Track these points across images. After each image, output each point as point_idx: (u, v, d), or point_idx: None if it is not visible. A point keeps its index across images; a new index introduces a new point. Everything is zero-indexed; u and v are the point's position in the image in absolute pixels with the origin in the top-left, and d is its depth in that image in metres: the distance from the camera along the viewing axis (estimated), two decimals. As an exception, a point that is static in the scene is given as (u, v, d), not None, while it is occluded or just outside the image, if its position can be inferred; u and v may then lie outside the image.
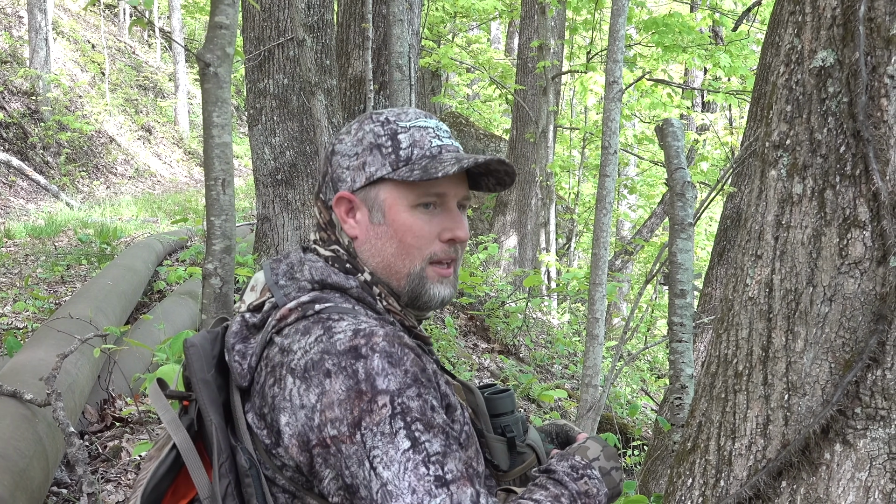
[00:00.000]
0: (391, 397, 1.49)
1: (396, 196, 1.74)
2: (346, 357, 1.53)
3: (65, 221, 13.05)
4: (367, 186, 1.76)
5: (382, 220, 1.75)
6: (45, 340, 4.76)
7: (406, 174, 1.71)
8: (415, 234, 1.74)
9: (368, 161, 1.75)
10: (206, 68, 3.52)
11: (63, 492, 3.86)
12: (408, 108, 1.84)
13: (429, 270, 1.76)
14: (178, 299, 7.12)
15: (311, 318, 1.64)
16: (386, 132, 1.76)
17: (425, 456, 1.46)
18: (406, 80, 7.16)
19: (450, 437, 1.51)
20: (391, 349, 1.54)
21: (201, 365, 1.71)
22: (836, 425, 1.82)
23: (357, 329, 1.58)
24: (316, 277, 1.73)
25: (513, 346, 10.24)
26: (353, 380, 1.51)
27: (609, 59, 5.51)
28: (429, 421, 1.50)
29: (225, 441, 1.64)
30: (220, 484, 1.60)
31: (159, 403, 1.73)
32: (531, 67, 13.84)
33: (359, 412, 1.49)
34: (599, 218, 5.39)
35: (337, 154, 1.80)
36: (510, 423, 1.86)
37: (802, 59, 1.94)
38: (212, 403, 1.67)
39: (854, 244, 1.82)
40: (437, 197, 1.76)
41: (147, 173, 20.91)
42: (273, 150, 8.19)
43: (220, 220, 3.51)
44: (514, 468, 1.82)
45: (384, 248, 1.76)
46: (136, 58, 27.27)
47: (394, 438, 1.47)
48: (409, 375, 1.53)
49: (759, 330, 1.95)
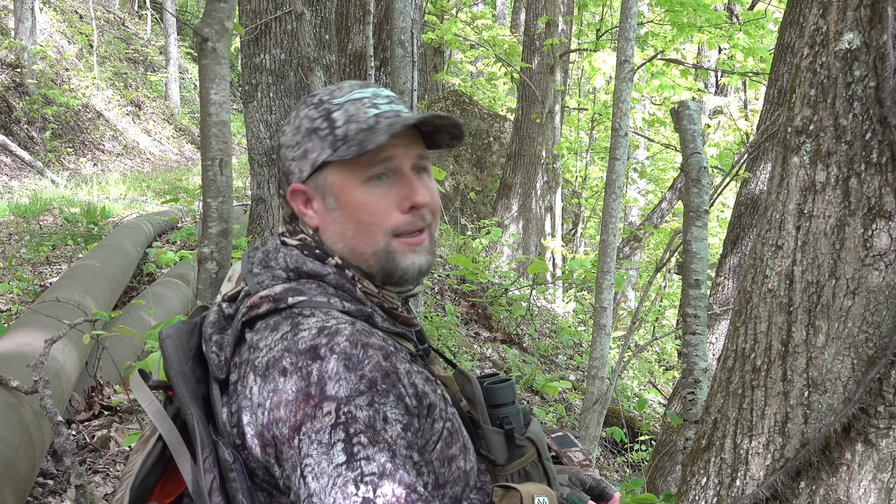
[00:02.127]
0: (337, 405, 1.47)
1: (344, 176, 1.72)
2: (304, 357, 1.53)
3: (50, 200, 13.03)
4: (315, 174, 1.74)
5: (336, 205, 1.74)
6: (30, 325, 4.76)
7: (344, 153, 1.69)
8: (370, 210, 1.72)
9: (309, 148, 1.74)
10: (204, 43, 3.50)
11: (50, 483, 3.87)
12: (343, 83, 1.81)
13: (394, 244, 1.73)
14: (170, 283, 7.12)
15: (283, 312, 1.64)
16: (320, 114, 1.75)
17: (359, 474, 1.42)
18: (408, 57, 7.13)
19: (397, 456, 1.46)
20: (351, 351, 1.52)
21: (178, 357, 1.71)
22: (857, 424, 1.82)
23: (323, 327, 1.57)
24: (291, 265, 1.72)
25: (516, 335, 10.24)
26: (305, 381, 1.50)
27: (620, 37, 5.50)
28: (375, 434, 1.46)
29: (207, 435, 1.63)
30: (205, 478, 1.60)
31: (143, 395, 1.73)
32: (538, 45, 13.80)
33: (301, 416, 1.48)
34: (608, 203, 5.39)
35: (283, 147, 1.80)
36: (509, 414, 1.84)
37: (827, 41, 1.93)
38: (191, 396, 1.67)
39: (879, 235, 1.82)
40: (386, 165, 1.73)
41: (136, 150, 20.90)
42: (269, 129, 8.18)
43: (216, 202, 3.50)
44: (511, 462, 1.80)
45: (344, 231, 1.74)
46: (125, 30, 27.22)
47: (329, 450, 1.44)
48: (365, 382, 1.50)
49: (778, 323, 1.95)
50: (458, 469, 1.67)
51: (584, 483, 2.07)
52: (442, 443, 1.64)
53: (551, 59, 13.05)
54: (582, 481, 2.07)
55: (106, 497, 3.88)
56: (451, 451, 1.66)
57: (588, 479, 2.09)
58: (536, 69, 14.05)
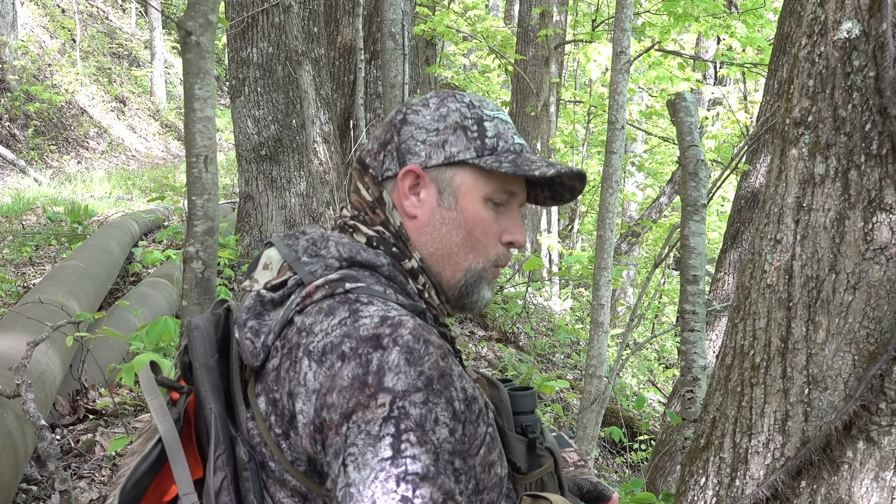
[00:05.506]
0: (393, 398, 1.46)
1: (473, 184, 1.73)
2: (366, 344, 1.51)
3: (33, 199, 13.02)
4: (444, 166, 1.74)
5: (454, 206, 1.73)
6: (13, 327, 4.76)
7: (494, 163, 1.70)
8: (484, 228, 1.74)
9: (451, 140, 1.73)
10: (187, 37, 3.50)
11: (33, 489, 3.87)
12: (484, 98, 1.82)
13: (491, 271, 1.77)
14: (155, 283, 7.12)
15: (339, 297, 1.62)
16: (472, 116, 1.75)
17: (402, 472, 1.42)
18: (399, 50, 7.14)
19: (440, 460, 1.46)
20: (415, 345, 1.51)
21: (205, 349, 1.69)
22: (859, 421, 1.82)
23: (385, 316, 1.56)
24: (344, 255, 1.70)
25: (512, 333, 10.25)
26: (364, 369, 1.49)
27: (616, 27, 5.50)
28: (424, 434, 1.46)
29: (224, 431, 1.62)
30: (214, 477, 1.59)
31: (149, 388, 1.71)
32: (532, 36, 13.81)
33: (354, 404, 1.47)
34: (605, 197, 5.39)
35: (411, 125, 1.77)
36: (531, 423, 1.85)
37: (826, 31, 1.93)
38: (213, 391, 1.65)
39: (880, 228, 1.82)
40: (509, 196, 1.76)
41: (121, 147, 20.86)
42: (257, 124, 8.17)
43: (201, 200, 3.50)
44: (532, 471, 1.81)
45: (449, 235, 1.74)
46: (109, 24, 27.17)
47: (377, 442, 1.43)
48: (423, 378, 1.49)
49: (777, 319, 1.95)
50: (496, 475, 1.67)
51: (582, 486, 2.07)
52: (485, 448, 1.64)
53: (546, 50, 13.05)
54: (579, 485, 2.07)
55: (91, 502, 3.88)
56: (492, 457, 1.66)
57: (584, 481, 2.09)
58: (531, 61, 14.05)
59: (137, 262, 8.40)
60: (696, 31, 12.50)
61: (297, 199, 8.19)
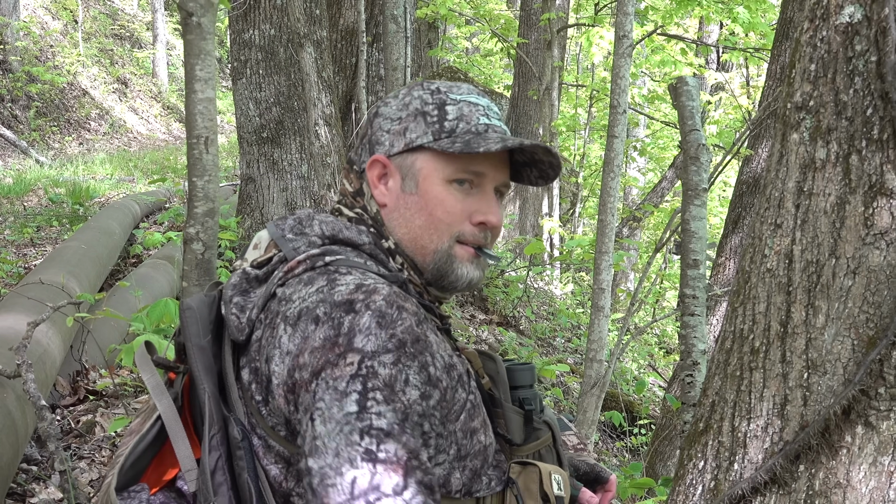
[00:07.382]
0: (361, 357, 1.49)
1: (433, 167, 1.76)
2: (339, 308, 1.54)
3: (34, 180, 13.03)
4: (405, 153, 1.78)
5: (415, 190, 1.77)
6: (14, 307, 4.77)
7: (447, 145, 1.73)
8: (446, 208, 1.76)
9: (410, 127, 1.78)
10: (188, 18, 3.49)
11: (33, 469, 3.87)
12: (462, 84, 1.86)
13: (457, 249, 1.78)
14: (156, 265, 7.12)
15: (319, 269, 1.66)
16: (434, 101, 1.79)
17: (367, 426, 1.44)
18: (401, 32, 7.13)
19: (408, 420, 1.49)
20: (386, 310, 1.54)
21: (197, 330, 1.71)
22: (858, 406, 1.82)
23: (361, 283, 1.59)
24: (327, 233, 1.74)
25: (512, 317, 10.26)
26: (335, 331, 1.51)
27: (619, 11, 5.49)
28: (392, 394, 1.48)
29: (218, 411, 1.64)
30: (209, 457, 1.60)
31: (145, 368, 1.73)
32: (535, 20, 13.77)
33: (324, 362, 1.50)
34: (607, 182, 5.38)
35: (380, 116, 1.83)
36: (529, 396, 1.88)
37: (828, 15, 1.93)
38: (206, 371, 1.67)
39: (880, 213, 1.81)
40: (475, 176, 1.78)
41: (123, 129, 20.86)
42: (258, 106, 8.16)
43: (202, 181, 3.49)
44: (528, 443, 1.84)
45: (412, 219, 1.78)
46: (111, 5, 27.11)
47: (343, 398, 1.46)
48: (394, 341, 1.51)
49: (777, 304, 1.95)
50: (479, 443, 1.69)
51: (578, 468, 2.09)
52: (465, 414, 1.66)
53: (549, 34, 13.02)
54: (576, 466, 2.09)
55: (91, 483, 3.89)
56: (474, 424, 1.68)
57: (582, 464, 2.11)
58: (533, 45, 14.02)
59: (138, 243, 8.41)
60: (699, 15, 12.46)
61: (298, 182, 8.18)
